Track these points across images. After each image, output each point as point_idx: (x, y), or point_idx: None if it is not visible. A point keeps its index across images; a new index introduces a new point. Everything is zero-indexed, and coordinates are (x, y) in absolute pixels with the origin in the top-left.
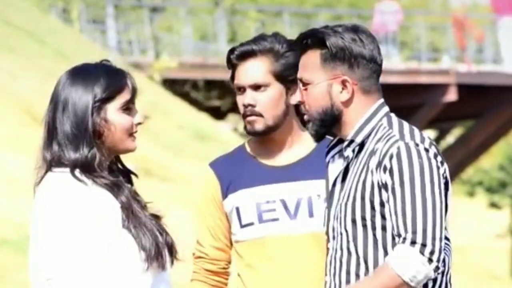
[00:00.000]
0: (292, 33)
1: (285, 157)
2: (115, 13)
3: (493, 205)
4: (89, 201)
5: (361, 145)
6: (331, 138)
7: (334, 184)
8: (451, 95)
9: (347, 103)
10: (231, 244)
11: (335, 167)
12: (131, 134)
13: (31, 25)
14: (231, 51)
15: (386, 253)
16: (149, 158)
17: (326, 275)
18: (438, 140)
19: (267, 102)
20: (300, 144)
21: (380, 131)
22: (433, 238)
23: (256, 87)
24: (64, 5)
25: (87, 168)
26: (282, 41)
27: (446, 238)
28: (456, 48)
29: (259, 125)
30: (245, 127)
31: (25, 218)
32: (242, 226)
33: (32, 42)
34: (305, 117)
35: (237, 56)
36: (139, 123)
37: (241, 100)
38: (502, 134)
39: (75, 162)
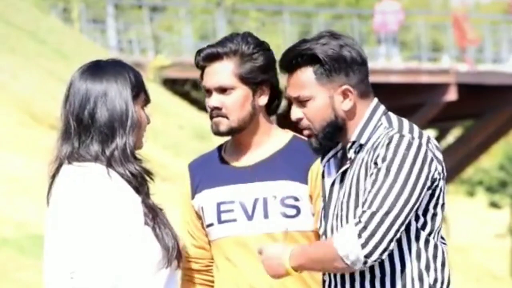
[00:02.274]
0: (292, 32)
1: (249, 158)
2: (115, 13)
3: (493, 204)
4: (111, 196)
5: (360, 145)
6: (304, 138)
7: (332, 185)
8: (451, 95)
9: (350, 111)
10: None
11: (331, 169)
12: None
13: (31, 25)
14: (198, 53)
15: None
16: (149, 157)
17: (324, 274)
18: (438, 139)
19: (232, 105)
20: (267, 145)
21: (380, 130)
22: (378, 225)
23: (222, 90)
24: (64, 4)
25: (127, 155)
26: (250, 42)
27: (442, 238)
28: (456, 48)
29: (223, 127)
30: (211, 127)
31: (25, 217)
32: (206, 226)
33: (32, 42)
34: (306, 132)
35: (203, 59)
36: (149, 122)
37: (208, 102)
38: (502, 134)
39: (110, 154)
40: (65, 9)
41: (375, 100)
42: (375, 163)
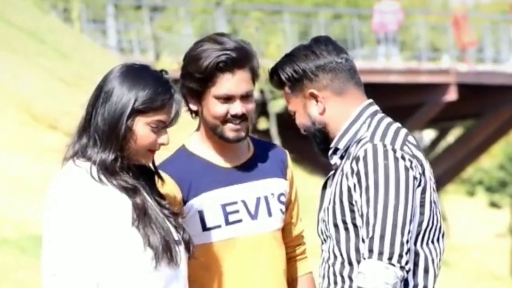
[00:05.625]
0: (292, 32)
1: (234, 158)
2: (115, 13)
3: (493, 204)
4: (99, 199)
5: (347, 149)
6: (255, 137)
7: (324, 188)
8: (451, 95)
9: (324, 112)
10: None
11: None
12: (150, 150)
13: (31, 25)
14: (218, 61)
15: None
16: None
17: (319, 276)
18: (438, 139)
19: (252, 110)
20: (244, 145)
21: (361, 134)
22: (392, 244)
23: (245, 97)
24: (64, 4)
25: (109, 169)
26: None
27: (432, 242)
28: (456, 48)
29: (244, 133)
30: (220, 135)
31: (25, 217)
32: (205, 229)
33: (32, 42)
34: None
35: (228, 66)
36: (163, 144)
37: (225, 109)
38: (502, 134)
39: (100, 162)
40: (65, 9)
41: (367, 101)
42: (359, 181)
